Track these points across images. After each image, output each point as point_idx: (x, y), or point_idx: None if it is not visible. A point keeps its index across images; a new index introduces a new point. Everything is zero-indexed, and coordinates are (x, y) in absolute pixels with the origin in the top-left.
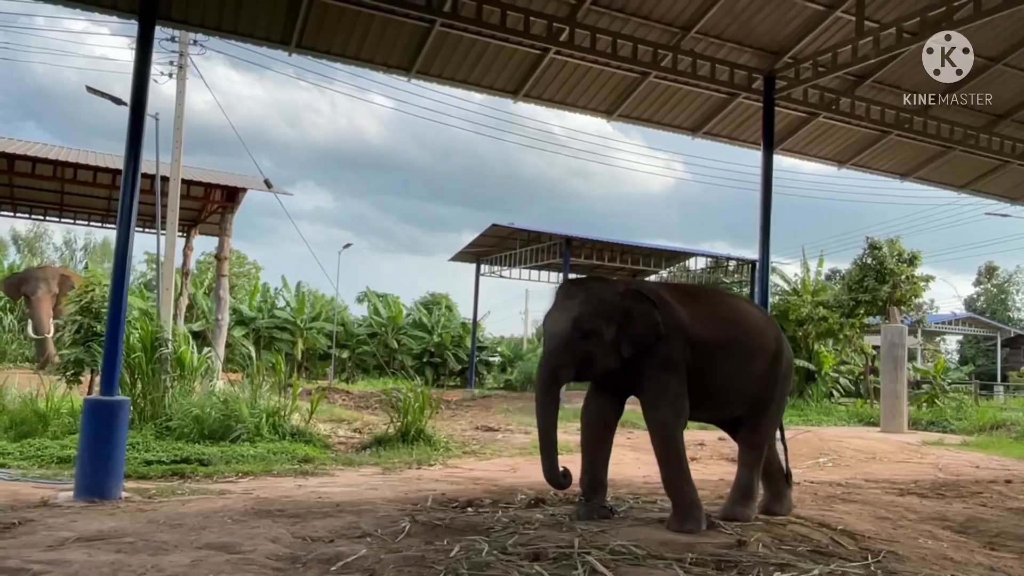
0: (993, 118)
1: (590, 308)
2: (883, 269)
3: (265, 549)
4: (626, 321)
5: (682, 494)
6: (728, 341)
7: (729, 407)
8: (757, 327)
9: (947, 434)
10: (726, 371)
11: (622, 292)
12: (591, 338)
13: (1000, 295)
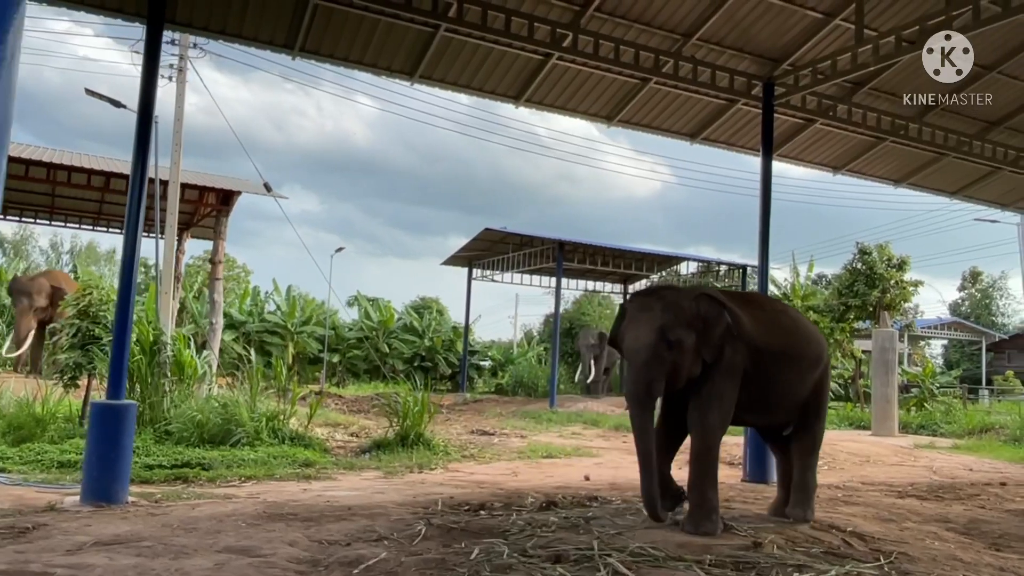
0: (986, 125)
1: (671, 317)
2: (873, 274)
3: (285, 552)
4: (705, 327)
5: (706, 498)
6: (785, 350)
7: (781, 413)
8: (810, 336)
9: (937, 437)
10: (783, 378)
11: (695, 298)
12: (677, 347)
13: (984, 300)
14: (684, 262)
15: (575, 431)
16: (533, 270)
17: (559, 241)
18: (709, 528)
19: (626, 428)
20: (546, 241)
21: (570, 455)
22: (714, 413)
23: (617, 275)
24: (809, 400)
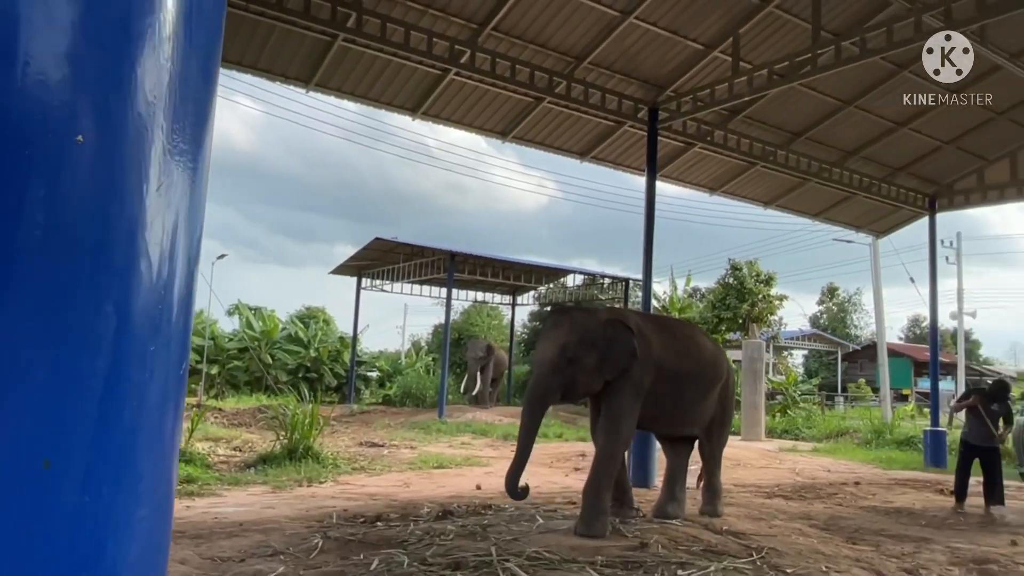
0: (844, 154)
1: (575, 337)
2: (743, 288)
3: (176, 571)
4: (608, 348)
5: (600, 501)
6: (690, 372)
7: (685, 427)
8: (714, 359)
9: (799, 441)
10: (687, 397)
11: (604, 321)
12: (575, 364)
13: (840, 314)
14: (570, 275)
15: (465, 441)
16: (423, 280)
17: (450, 252)
18: (599, 530)
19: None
20: (437, 252)
21: (461, 465)
22: (620, 427)
23: (506, 286)
24: (715, 413)
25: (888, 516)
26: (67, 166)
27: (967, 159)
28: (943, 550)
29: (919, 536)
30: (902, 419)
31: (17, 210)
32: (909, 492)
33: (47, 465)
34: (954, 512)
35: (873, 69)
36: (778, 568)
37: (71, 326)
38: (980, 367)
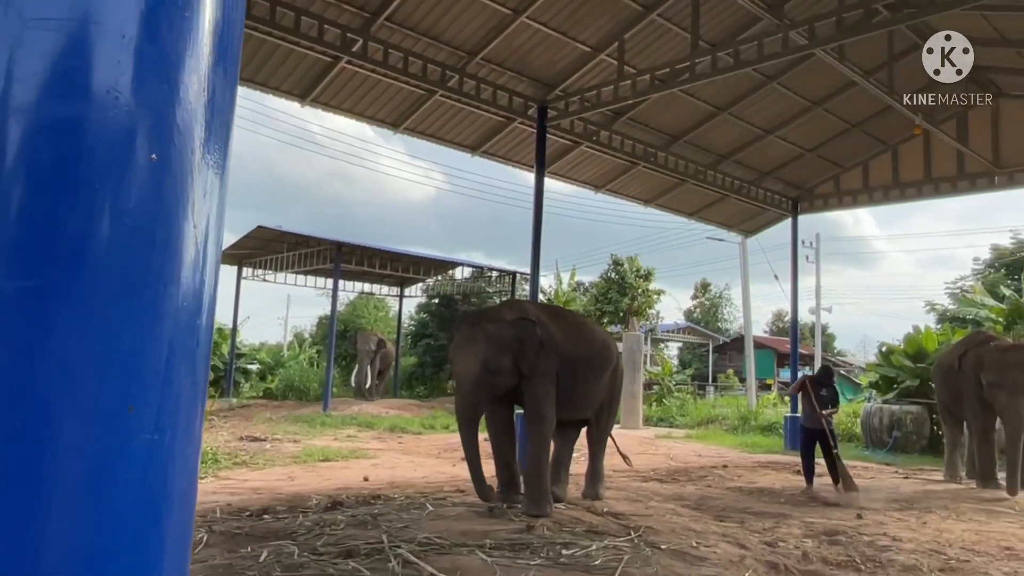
0: (718, 157)
1: (492, 350)
2: (624, 283)
3: None
4: (521, 346)
5: (542, 483)
6: (586, 356)
7: (580, 411)
8: (605, 343)
9: (674, 428)
10: (584, 382)
11: (510, 321)
12: (497, 372)
13: (712, 308)
14: (459, 267)
15: (350, 434)
16: (308, 271)
17: (337, 243)
18: (546, 510)
19: (401, 429)
20: (323, 242)
21: (347, 458)
22: (543, 412)
23: (394, 278)
24: (604, 398)
25: (751, 496)
26: (145, 179)
27: (826, 166)
28: (799, 524)
29: (778, 512)
30: (766, 407)
31: (113, 215)
32: (770, 473)
33: (131, 410)
34: (805, 492)
35: (746, 79)
36: (654, 545)
37: (146, 302)
38: (835, 358)
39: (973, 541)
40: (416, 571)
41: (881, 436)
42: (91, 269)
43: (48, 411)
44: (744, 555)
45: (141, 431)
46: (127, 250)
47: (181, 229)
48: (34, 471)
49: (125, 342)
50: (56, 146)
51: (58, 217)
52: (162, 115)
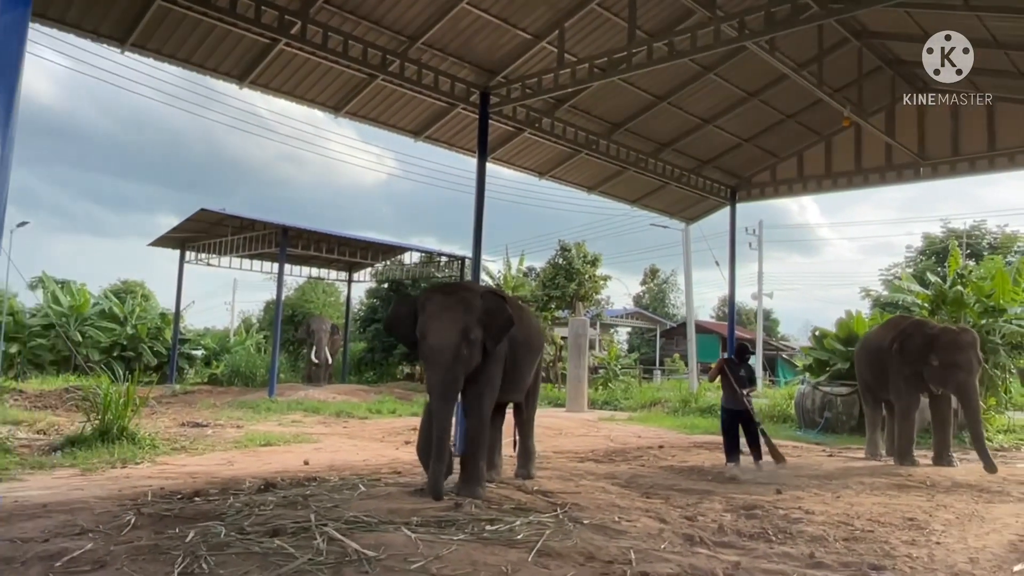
0: (658, 146)
1: (472, 317)
2: (571, 269)
3: None
4: (490, 321)
5: (479, 467)
6: (526, 339)
7: (515, 394)
8: (538, 329)
9: (618, 411)
10: (523, 364)
11: (482, 295)
12: (473, 344)
13: (660, 294)
14: (407, 252)
15: (295, 419)
16: (254, 255)
17: (283, 227)
18: (480, 493)
19: (347, 414)
20: (269, 226)
21: (289, 442)
22: (488, 396)
23: (342, 263)
24: (533, 382)
25: (681, 474)
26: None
27: (762, 156)
28: (721, 500)
29: (703, 489)
30: (708, 390)
31: None
32: (704, 453)
33: None
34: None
35: (684, 69)
36: (577, 520)
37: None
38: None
39: (880, 513)
40: (340, 548)
41: (813, 417)
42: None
43: None
44: (663, 528)
45: None
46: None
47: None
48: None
49: None
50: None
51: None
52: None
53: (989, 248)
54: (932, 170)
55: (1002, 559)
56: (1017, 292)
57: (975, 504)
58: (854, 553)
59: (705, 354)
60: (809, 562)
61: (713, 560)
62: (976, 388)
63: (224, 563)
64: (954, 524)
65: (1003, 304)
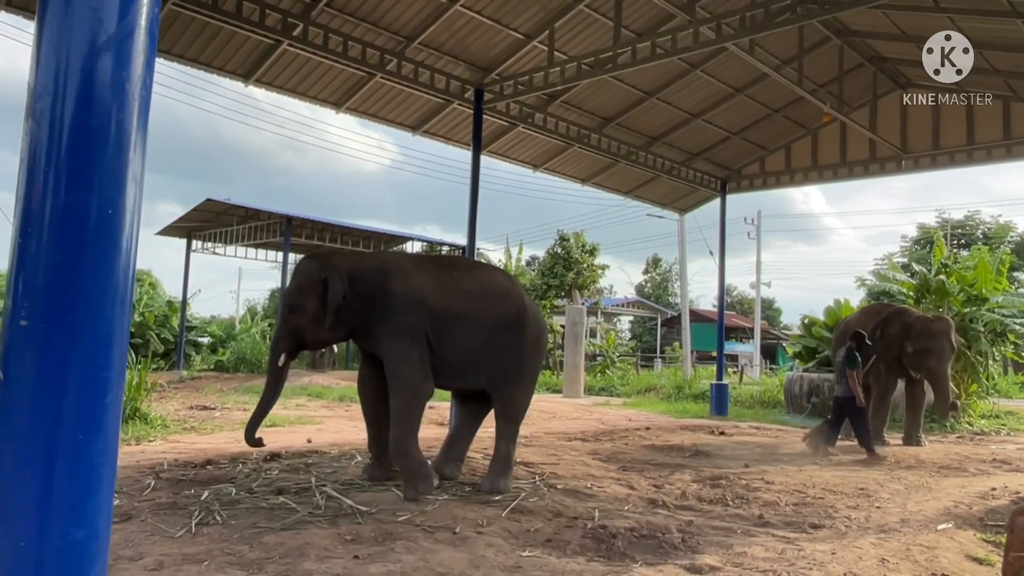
0: (649, 139)
1: (294, 285)
2: (569, 258)
3: None
4: (324, 292)
5: (409, 460)
6: (467, 312)
7: (471, 377)
8: (498, 298)
9: (613, 397)
10: (465, 341)
11: (321, 265)
12: (296, 312)
13: (663, 283)
14: (409, 241)
15: (299, 403)
16: (259, 244)
17: (287, 216)
18: (423, 489)
19: (350, 399)
20: (273, 215)
21: (293, 424)
22: (400, 376)
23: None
24: (505, 364)
25: (661, 451)
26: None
27: (751, 148)
28: (691, 472)
29: (677, 463)
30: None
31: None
32: (687, 434)
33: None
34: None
35: (671, 66)
36: (552, 486)
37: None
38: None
39: (835, 484)
40: (337, 504)
41: (801, 402)
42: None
43: None
44: (630, 494)
45: None
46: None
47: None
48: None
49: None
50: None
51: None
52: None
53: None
54: (914, 163)
55: (931, 520)
56: (999, 282)
57: (928, 478)
58: (800, 515)
59: (703, 343)
60: (757, 522)
61: (670, 519)
62: (945, 373)
63: (235, 516)
64: (900, 493)
65: (985, 293)
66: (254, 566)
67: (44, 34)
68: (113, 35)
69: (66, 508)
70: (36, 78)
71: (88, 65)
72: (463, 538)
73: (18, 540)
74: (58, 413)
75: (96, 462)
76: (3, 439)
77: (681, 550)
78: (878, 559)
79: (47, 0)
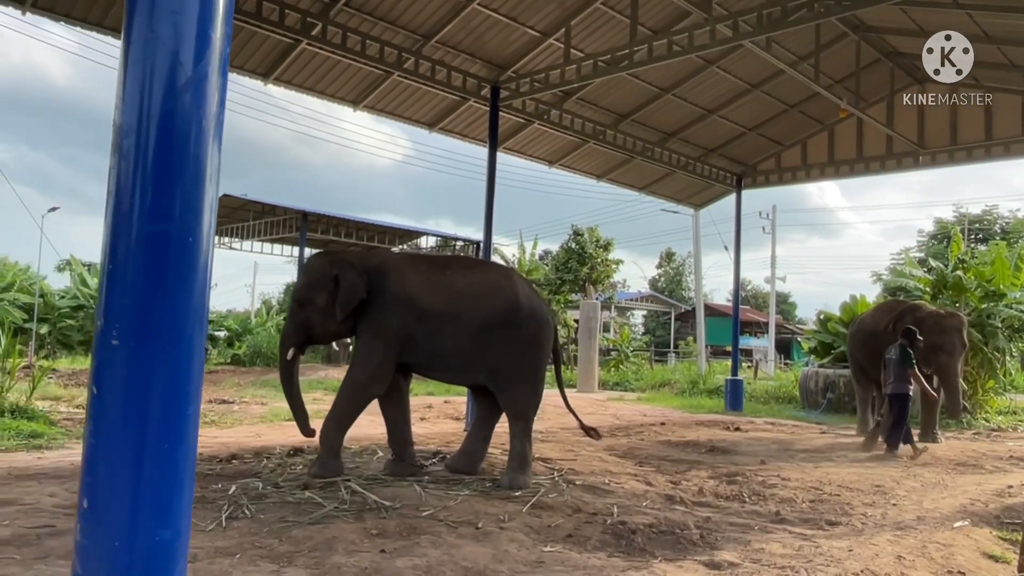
0: (664, 135)
1: (303, 280)
2: (583, 252)
3: (48, 502)
4: (336, 287)
5: (328, 441)
6: (454, 311)
7: (466, 374)
8: (486, 297)
9: (627, 392)
10: (455, 339)
11: (332, 261)
12: (306, 307)
13: (676, 277)
14: (424, 236)
15: (316, 397)
16: (275, 239)
17: (303, 212)
18: (328, 472)
19: None
20: (289, 211)
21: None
22: (356, 369)
23: (360, 247)
24: (502, 362)
25: (677, 447)
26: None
27: (767, 144)
28: (707, 468)
29: (694, 460)
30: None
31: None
32: (703, 430)
33: None
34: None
35: (687, 63)
36: (570, 482)
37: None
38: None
39: (851, 481)
40: (362, 499)
41: (816, 398)
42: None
43: None
44: (648, 490)
45: None
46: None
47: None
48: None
49: None
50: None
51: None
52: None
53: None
54: (931, 159)
55: (947, 517)
56: (1017, 277)
57: (944, 475)
58: (816, 512)
59: (717, 337)
60: (774, 518)
61: (688, 515)
62: (955, 370)
63: (264, 510)
64: (917, 490)
65: (1003, 289)
66: (284, 559)
67: (128, 76)
68: (191, 77)
69: (153, 511)
70: (121, 117)
71: (168, 105)
72: (486, 533)
73: (112, 540)
74: (145, 424)
75: (179, 468)
76: (97, 449)
77: (700, 546)
78: (894, 556)
79: (129, 44)
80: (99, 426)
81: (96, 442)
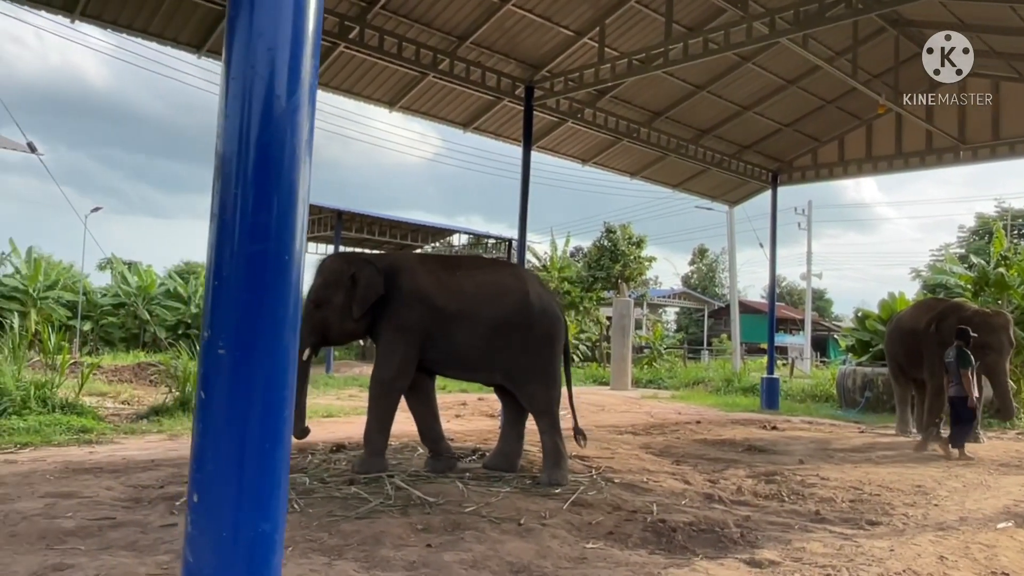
0: (699, 132)
1: (320, 280)
2: (616, 250)
3: (107, 495)
4: (353, 286)
5: (371, 443)
6: (465, 311)
7: (482, 372)
8: (496, 297)
9: (661, 390)
10: (467, 338)
11: (348, 260)
12: (323, 307)
13: (709, 273)
14: (456, 234)
15: (352, 393)
16: (310, 237)
17: (337, 211)
18: (369, 468)
19: None
20: (324, 210)
21: (349, 414)
22: (383, 368)
23: (393, 245)
24: (520, 361)
25: (714, 446)
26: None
27: (803, 140)
28: (745, 467)
29: (731, 459)
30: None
31: None
32: (739, 428)
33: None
34: None
35: (722, 60)
36: (609, 480)
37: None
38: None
39: (891, 481)
40: (406, 494)
41: (854, 396)
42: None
43: None
44: (686, 488)
45: None
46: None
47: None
48: None
49: None
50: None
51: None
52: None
53: None
54: (972, 154)
55: (990, 518)
56: None
57: (987, 475)
58: (856, 512)
59: (751, 334)
60: (814, 518)
61: (727, 514)
62: (1005, 369)
63: (312, 504)
64: (959, 491)
65: None
66: (334, 552)
67: (228, 108)
68: (285, 109)
69: (256, 505)
70: (223, 146)
71: (266, 136)
72: (528, 529)
73: (220, 531)
74: (247, 425)
75: (278, 466)
76: (205, 448)
77: (740, 544)
78: (937, 557)
79: (229, 80)
80: (206, 427)
81: (204, 442)
